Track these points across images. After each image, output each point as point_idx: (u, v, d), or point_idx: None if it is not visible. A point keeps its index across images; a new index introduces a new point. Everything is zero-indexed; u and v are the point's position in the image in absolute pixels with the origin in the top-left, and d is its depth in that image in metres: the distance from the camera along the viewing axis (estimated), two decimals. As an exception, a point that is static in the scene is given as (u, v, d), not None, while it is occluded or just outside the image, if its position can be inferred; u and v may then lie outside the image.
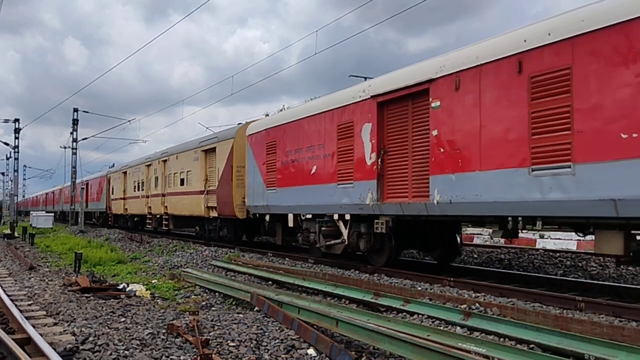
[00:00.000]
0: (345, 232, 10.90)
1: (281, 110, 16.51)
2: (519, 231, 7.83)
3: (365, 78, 16.00)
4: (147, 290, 9.18)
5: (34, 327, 5.83)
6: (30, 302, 7.98)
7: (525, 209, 7.26)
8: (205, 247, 15.86)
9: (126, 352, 5.13)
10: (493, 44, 7.82)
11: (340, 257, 11.48)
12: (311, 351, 5.18)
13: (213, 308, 7.86)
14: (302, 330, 5.70)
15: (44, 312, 7.19)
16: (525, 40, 7.21)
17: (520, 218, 7.44)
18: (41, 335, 5.42)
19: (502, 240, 17.03)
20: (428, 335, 5.14)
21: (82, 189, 33.64)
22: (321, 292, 8.40)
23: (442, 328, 5.72)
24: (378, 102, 9.85)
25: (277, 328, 6.09)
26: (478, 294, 7.59)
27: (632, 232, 6.58)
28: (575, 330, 5.23)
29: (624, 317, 6.11)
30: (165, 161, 22.01)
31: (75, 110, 32.80)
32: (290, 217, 12.73)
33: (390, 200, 9.69)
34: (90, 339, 5.52)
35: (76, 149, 33.01)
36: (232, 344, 5.47)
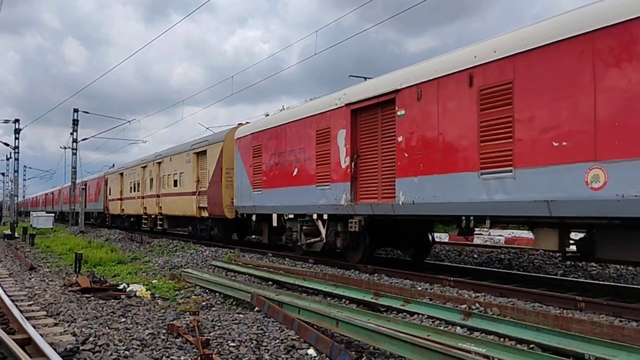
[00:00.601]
0: (323, 231, 11.63)
1: (281, 110, 16.64)
2: (473, 229, 8.64)
3: (365, 78, 16.01)
4: (147, 290, 9.18)
5: (34, 327, 5.83)
6: (30, 303, 7.98)
7: (476, 209, 7.98)
8: (206, 248, 15.86)
9: (126, 352, 5.13)
10: (449, 59, 8.58)
11: (319, 254, 12.09)
12: (311, 351, 5.18)
13: (213, 308, 7.86)
14: (302, 331, 5.70)
15: (45, 313, 7.19)
16: (475, 57, 7.98)
17: (472, 217, 8.14)
18: (41, 335, 5.42)
19: (503, 240, 17.30)
20: (428, 335, 5.14)
21: (83, 189, 33.66)
22: (321, 292, 8.41)
23: (442, 328, 5.73)
24: (352, 109, 10.61)
25: (277, 328, 6.09)
26: (478, 294, 7.60)
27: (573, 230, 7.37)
28: (576, 330, 5.23)
29: (624, 317, 6.11)
30: (159, 163, 22.68)
31: (76, 110, 32.82)
32: (275, 217, 13.44)
33: (362, 201, 10.43)
34: (91, 339, 5.53)
35: (76, 149, 33.03)
36: (232, 344, 5.47)
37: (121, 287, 9.35)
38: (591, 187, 6.38)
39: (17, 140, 40.10)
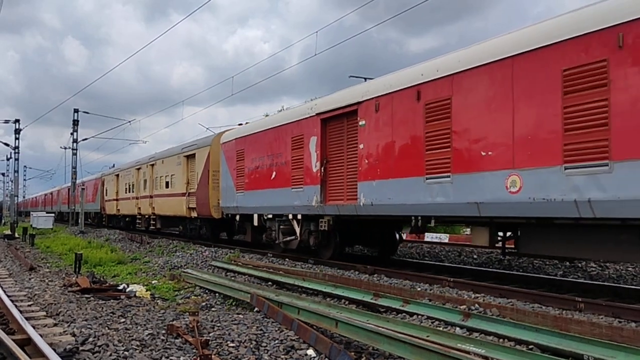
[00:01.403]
0: (298, 230, 12.54)
1: (279, 111, 16.89)
2: (424, 228, 9.65)
3: (365, 79, 16.03)
4: (147, 290, 9.19)
5: (34, 327, 5.83)
6: (30, 303, 7.99)
7: (423, 210, 8.99)
8: (206, 248, 15.87)
9: (126, 352, 5.14)
10: (402, 76, 9.58)
11: (295, 251, 12.96)
12: (311, 352, 5.19)
13: (213, 309, 7.87)
14: (301, 331, 5.70)
15: (44, 313, 7.20)
16: (422, 74, 8.97)
17: (420, 217, 9.13)
18: (41, 336, 5.43)
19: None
20: (427, 336, 5.14)
21: (83, 189, 33.70)
22: (321, 293, 8.41)
23: (441, 329, 5.73)
24: (322, 118, 11.58)
25: (276, 329, 6.10)
26: (477, 295, 7.60)
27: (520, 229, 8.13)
28: (575, 331, 5.23)
29: (623, 318, 6.12)
30: (153, 165, 23.55)
31: (76, 111, 32.83)
32: (255, 217, 14.38)
33: (330, 202, 11.36)
34: (90, 339, 5.53)
35: (76, 149, 33.04)
36: (231, 344, 5.48)
37: (121, 287, 9.36)
38: (510, 191, 7.41)
39: (17, 141, 40.14)
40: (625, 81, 6.15)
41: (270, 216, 13.70)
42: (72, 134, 33.00)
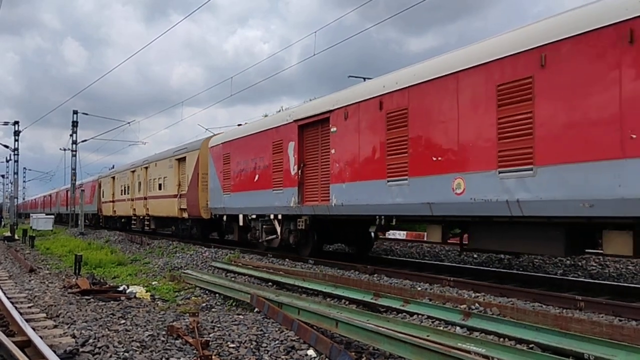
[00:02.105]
0: (279, 229, 13.33)
1: (279, 111, 17.05)
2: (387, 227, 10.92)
3: (365, 78, 16.01)
4: (147, 292, 9.18)
5: (34, 329, 5.84)
6: (30, 305, 7.98)
7: (385, 210, 9.77)
8: (206, 249, 15.87)
9: (126, 354, 5.13)
10: (367, 86, 10.56)
11: (277, 249, 13.70)
12: (311, 352, 5.18)
13: (213, 309, 7.87)
14: (302, 331, 5.70)
15: (44, 315, 7.19)
16: (384, 86, 9.75)
17: (383, 216, 9.94)
18: (41, 337, 5.43)
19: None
20: (428, 336, 5.14)
21: (82, 191, 33.73)
22: (321, 293, 8.41)
23: (441, 328, 5.73)
24: (299, 125, 12.34)
25: (277, 329, 6.09)
26: (478, 294, 7.60)
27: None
28: (575, 330, 5.23)
29: (624, 317, 6.11)
30: (146, 168, 24.39)
31: (75, 112, 32.82)
32: (241, 217, 15.16)
33: (307, 203, 12.13)
34: (90, 341, 5.53)
35: (76, 151, 33.04)
36: (232, 345, 5.47)
37: (121, 288, 9.35)
38: (455, 193, 8.23)
39: (16, 142, 40.13)
40: (546, 96, 6.96)
41: (254, 216, 14.48)
42: (71, 135, 33.02)
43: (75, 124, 32.87)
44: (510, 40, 7.56)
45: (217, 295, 8.81)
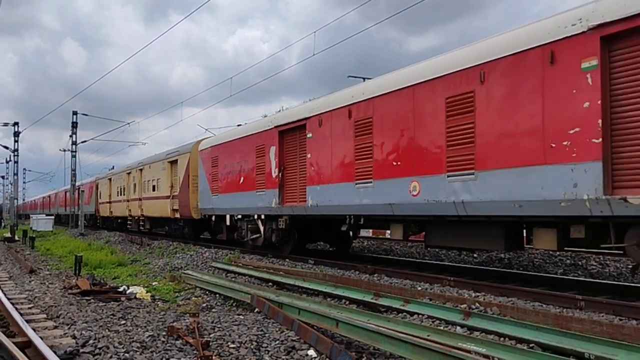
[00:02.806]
0: (262, 228, 14.14)
1: (278, 111, 17.23)
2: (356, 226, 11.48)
3: (364, 79, 16.04)
4: (147, 292, 9.18)
5: (34, 330, 5.84)
6: (30, 306, 7.98)
7: (354, 210, 10.61)
8: (206, 249, 15.87)
9: (126, 354, 5.13)
10: (338, 96, 11.25)
11: (261, 247, 14.52)
12: (311, 352, 5.18)
13: (213, 310, 7.86)
14: (302, 331, 5.70)
15: (45, 316, 7.20)
16: (352, 96, 10.57)
17: (352, 216, 10.78)
18: (42, 338, 5.43)
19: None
20: (428, 336, 5.14)
21: (82, 192, 33.76)
22: (321, 293, 8.41)
23: (442, 328, 5.73)
24: (279, 130, 13.15)
25: (277, 329, 6.09)
26: (478, 294, 7.60)
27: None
28: (576, 329, 5.23)
29: (624, 316, 6.11)
30: (141, 170, 25.18)
31: (75, 113, 32.79)
32: (228, 217, 15.96)
33: (287, 204, 12.90)
34: (91, 342, 5.53)
35: (76, 152, 33.03)
36: (232, 345, 5.47)
37: (121, 289, 9.35)
38: (412, 194, 9.00)
39: (16, 143, 40.13)
40: (484, 108, 7.73)
41: (240, 216, 15.32)
42: (71, 136, 33.00)
43: (74, 125, 32.84)
44: (457, 57, 8.36)
45: (217, 295, 8.81)
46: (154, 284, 10.38)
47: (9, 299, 8.05)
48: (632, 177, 6.18)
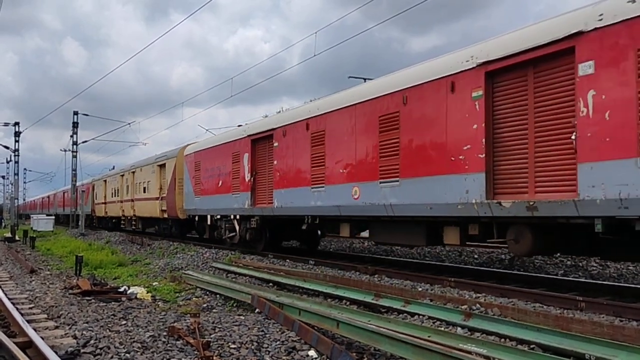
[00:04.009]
0: (237, 227, 15.43)
1: (278, 112, 17.45)
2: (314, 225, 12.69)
3: (365, 79, 16.07)
4: (148, 292, 9.19)
5: (35, 330, 5.84)
6: (31, 306, 7.99)
7: (310, 212, 11.89)
8: (206, 249, 15.88)
9: (127, 355, 5.14)
10: (298, 111, 12.85)
11: (237, 245, 15.64)
12: (312, 353, 5.19)
13: (214, 310, 7.87)
14: (303, 332, 5.70)
15: (45, 316, 7.20)
16: (309, 111, 12.02)
17: (309, 217, 12.06)
18: (42, 338, 5.43)
19: None
20: (429, 336, 5.14)
21: (83, 192, 33.78)
22: (322, 294, 8.41)
23: (443, 329, 5.73)
24: (251, 139, 14.61)
25: (278, 330, 6.09)
26: (479, 295, 7.59)
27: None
28: (576, 330, 5.23)
29: (625, 317, 6.10)
30: (133, 172, 26.51)
31: (75, 113, 32.81)
32: (209, 217, 17.31)
33: (258, 205, 14.29)
34: (92, 342, 5.53)
35: (76, 152, 33.05)
36: (233, 346, 5.48)
37: (122, 289, 9.35)
38: (354, 198, 10.34)
39: (17, 143, 40.15)
40: (406, 126, 9.14)
41: (219, 216, 16.66)
42: (71, 136, 33.01)
43: (75, 125, 32.87)
44: (388, 82, 9.79)
45: (218, 296, 8.82)
46: (154, 284, 10.38)
47: (9, 299, 8.06)
48: (505, 185, 7.61)
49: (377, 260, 12.83)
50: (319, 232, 15.06)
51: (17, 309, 7.20)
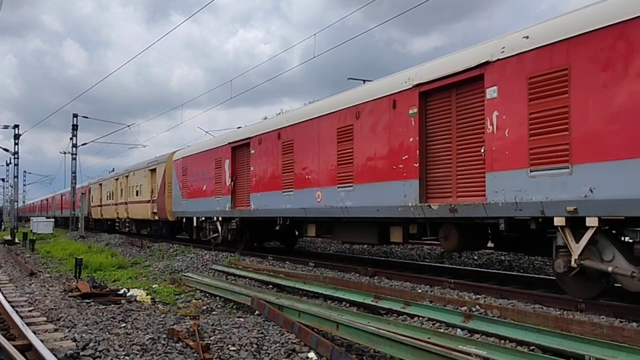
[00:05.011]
0: (220, 229, 16.47)
1: (278, 113, 17.55)
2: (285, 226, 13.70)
3: (364, 81, 16.09)
4: (147, 295, 9.17)
5: (34, 333, 5.83)
6: (31, 308, 7.98)
7: (281, 213, 13.09)
8: (206, 252, 15.88)
9: (127, 357, 5.13)
10: (270, 122, 14.15)
11: (221, 245, 16.63)
12: (312, 355, 5.18)
13: (214, 312, 7.86)
14: (302, 334, 5.70)
15: (45, 318, 7.19)
16: (281, 122, 13.24)
17: (281, 218, 13.21)
18: (42, 341, 5.43)
19: None
20: (429, 338, 5.14)
21: (83, 194, 33.80)
22: (321, 295, 8.40)
23: (442, 330, 5.73)
24: (232, 147, 15.77)
25: (277, 332, 6.09)
26: (478, 296, 7.59)
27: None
28: (576, 332, 5.23)
29: (624, 318, 6.11)
30: (127, 176, 27.65)
31: (75, 115, 32.81)
32: (195, 219, 18.52)
33: (237, 208, 15.42)
34: (91, 344, 5.52)
35: (76, 154, 33.05)
36: (232, 348, 5.47)
37: (121, 292, 9.34)
38: (317, 200, 11.46)
39: (16, 146, 40.16)
40: (359, 138, 10.29)
41: (203, 218, 17.79)
42: (71, 138, 33.01)
43: (75, 127, 32.86)
44: (345, 98, 11.00)
45: (217, 298, 8.81)
46: (154, 286, 10.37)
47: (9, 301, 8.05)
48: (435, 191, 8.80)
49: (376, 262, 12.83)
50: (297, 232, 15.89)
51: (16, 311, 7.19)
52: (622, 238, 6.50)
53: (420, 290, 8.15)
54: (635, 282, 6.14)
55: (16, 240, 26.39)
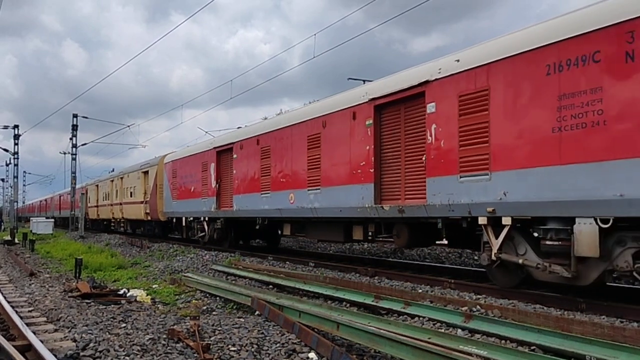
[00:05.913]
0: (207, 228, 17.53)
1: (278, 114, 17.64)
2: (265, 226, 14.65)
3: (364, 81, 16.10)
4: (147, 295, 9.17)
5: (34, 333, 5.82)
6: (30, 309, 7.97)
7: (260, 214, 14.09)
8: (206, 252, 15.87)
9: (127, 358, 5.12)
10: (250, 129, 15.20)
11: (208, 243, 17.53)
12: (312, 355, 5.17)
13: (214, 312, 7.85)
14: (303, 334, 5.69)
15: (45, 319, 7.18)
16: (260, 129, 14.26)
17: (260, 218, 14.21)
18: (42, 341, 5.42)
19: None
20: (429, 338, 5.13)
21: (83, 194, 33.80)
22: (322, 296, 8.39)
23: (443, 330, 5.72)
24: (217, 151, 16.85)
25: (278, 332, 6.08)
26: (479, 296, 7.59)
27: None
28: (577, 332, 5.22)
29: (625, 318, 6.10)
30: (122, 178, 28.72)
31: (75, 116, 32.81)
32: (184, 219, 19.55)
33: (222, 208, 16.41)
34: (91, 345, 5.51)
35: (76, 154, 33.06)
36: (233, 348, 5.46)
37: (121, 292, 9.33)
38: (290, 202, 12.47)
39: (16, 146, 40.15)
40: (325, 145, 11.30)
41: (192, 218, 18.83)
42: (71, 139, 33.01)
43: (75, 128, 32.86)
44: (314, 109, 12.03)
45: (217, 298, 8.80)
46: (154, 286, 10.36)
47: (9, 302, 8.04)
48: (387, 193, 9.80)
49: (377, 262, 12.83)
50: (280, 232, 16.51)
51: (16, 312, 7.18)
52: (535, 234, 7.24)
53: (420, 291, 8.14)
54: (541, 272, 7.05)
55: (16, 241, 26.37)
